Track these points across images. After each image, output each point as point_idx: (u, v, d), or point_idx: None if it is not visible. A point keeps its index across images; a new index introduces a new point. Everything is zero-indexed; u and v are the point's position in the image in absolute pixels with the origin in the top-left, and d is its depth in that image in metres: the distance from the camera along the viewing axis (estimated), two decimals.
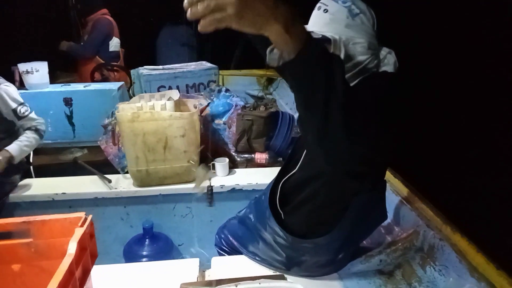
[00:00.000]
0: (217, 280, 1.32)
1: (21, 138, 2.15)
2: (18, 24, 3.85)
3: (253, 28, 0.77)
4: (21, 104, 2.17)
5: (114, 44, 3.81)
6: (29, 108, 2.21)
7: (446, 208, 1.51)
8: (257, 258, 1.50)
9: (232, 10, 0.73)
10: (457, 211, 1.51)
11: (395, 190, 1.80)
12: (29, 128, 2.20)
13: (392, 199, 1.78)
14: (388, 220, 1.76)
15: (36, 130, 2.21)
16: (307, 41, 0.81)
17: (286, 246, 1.39)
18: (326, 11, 1.18)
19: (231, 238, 1.62)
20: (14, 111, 2.15)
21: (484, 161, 2.34)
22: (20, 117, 2.17)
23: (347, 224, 1.27)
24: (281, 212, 1.41)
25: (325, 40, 1.14)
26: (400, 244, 1.53)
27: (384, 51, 1.24)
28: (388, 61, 1.23)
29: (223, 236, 1.67)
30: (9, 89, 2.17)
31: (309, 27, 1.21)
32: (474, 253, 1.28)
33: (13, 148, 2.09)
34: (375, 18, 1.21)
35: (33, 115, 2.22)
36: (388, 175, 1.90)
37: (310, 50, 0.82)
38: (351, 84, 1.18)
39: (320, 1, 1.22)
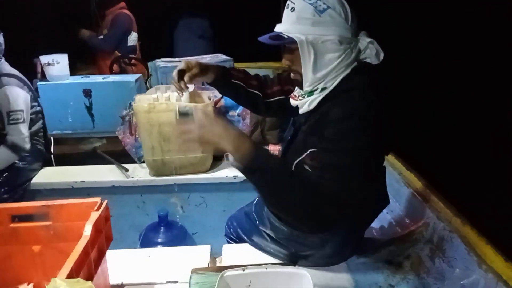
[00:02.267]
0: (227, 266, 1.36)
1: None
2: (40, 16, 3.95)
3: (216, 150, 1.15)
4: (15, 111, 2.15)
5: (132, 38, 3.87)
6: (22, 119, 2.18)
7: (456, 201, 1.51)
8: (264, 250, 1.53)
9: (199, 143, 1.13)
10: (467, 203, 1.51)
11: (407, 182, 1.80)
12: (9, 144, 2.16)
13: (403, 192, 1.79)
14: (399, 211, 1.77)
15: (12, 146, 2.16)
16: (250, 157, 1.07)
17: (291, 240, 1.41)
18: (293, 9, 1.16)
19: (238, 229, 1.65)
20: (7, 114, 2.14)
21: (495, 155, 2.31)
22: (9, 122, 2.15)
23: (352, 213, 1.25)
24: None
25: (292, 41, 1.14)
26: (409, 235, 1.53)
27: (364, 41, 1.20)
28: (371, 52, 1.20)
29: (232, 226, 1.71)
30: (15, 91, 2.16)
31: (279, 27, 1.20)
32: (483, 245, 1.28)
33: None
34: (348, 10, 1.16)
35: (20, 127, 2.18)
36: (401, 168, 1.90)
37: (253, 164, 1.08)
38: (329, 89, 1.17)
39: None
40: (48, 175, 2.35)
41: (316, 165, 1.12)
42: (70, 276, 0.87)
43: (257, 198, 1.65)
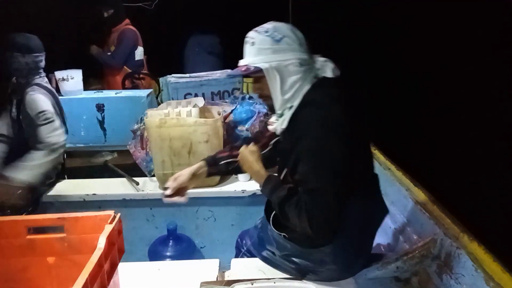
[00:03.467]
0: (235, 280, 1.38)
1: (32, 157, 2.13)
2: (55, 32, 4.07)
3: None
4: (43, 111, 2.19)
5: (139, 53, 3.96)
6: (52, 117, 2.20)
7: (464, 217, 1.52)
8: (272, 264, 1.55)
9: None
10: (475, 220, 1.51)
11: (414, 198, 1.81)
12: (38, 143, 2.16)
13: (411, 207, 1.80)
14: (406, 227, 1.77)
15: (48, 146, 2.15)
16: (263, 183, 1.41)
17: (296, 256, 1.44)
18: (253, 43, 1.32)
19: (249, 244, 1.68)
20: (36, 116, 2.18)
21: (503, 170, 2.30)
22: (40, 123, 2.18)
23: (349, 227, 1.31)
24: (282, 233, 1.46)
25: (258, 70, 1.30)
26: (417, 251, 1.54)
27: (319, 61, 1.37)
28: (326, 69, 1.36)
29: (244, 239, 1.73)
30: (40, 96, 2.22)
31: (244, 61, 1.35)
32: (491, 262, 1.28)
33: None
34: (300, 36, 1.33)
35: (52, 125, 2.19)
36: (408, 183, 1.91)
37: (265, 188, 1.41)
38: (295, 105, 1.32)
39: (247, 35, 1.35)
40: (60, 188, 2.40)
41: (297, 180, 1.30)
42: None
43: (260, 220, 1.68)
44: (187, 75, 3.34)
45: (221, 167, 1.65)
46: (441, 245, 1.50)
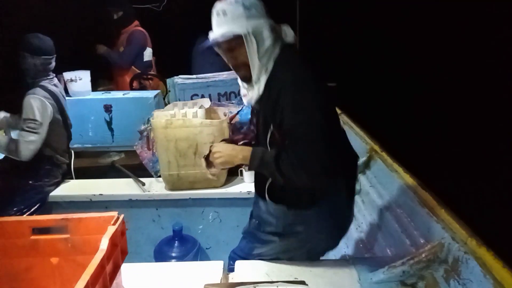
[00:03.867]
0: (239, 283, 1.37)
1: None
2: (64, 33, 4.10)
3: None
4: (31, 119, 2.17)
5: (148, 54, 3.98)
6: (37, 130, 2.19)
7: (472, 221, 1.49)
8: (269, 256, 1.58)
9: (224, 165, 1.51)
10: (483, 224, 1.48)
11: (421, 201, 1.78)
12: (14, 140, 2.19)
13: (418, 211, 1.76)
14: (413, 231, 1.74)
15: (15, 146, 2.16)
16: (250, 156, 1.41)
17: (297, 222, 1.51)
18: (225, 13, 1.36)
19: (242, 253, 1.69)
20: (24, 120, 2.18)
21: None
22: (22, 128, 2.18)
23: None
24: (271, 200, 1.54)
25: (238, 36, 1.34)
26: (424, 255, 1.51)
27: (283, 27, 1.45)
28: (288, 33, 1.44)
29: (233, 256, 1.73)
30: (36, 102, 2.19)
31: (216, 31, 1.38)
32: (500, 268, 1.25)
33: None
34: (263, 4, 1.41)
35: (32, 136, 2.18)
36: (416, 186, 1.88)
37: (254, 160, 1.40)
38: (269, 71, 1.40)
39: (215, 8, 1.39)
40: (67, 188, 2.41)
41: (284, 138, 1.35)
42: None
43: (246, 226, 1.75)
44: (194, 76, 3.35)
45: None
46: (449, 249, 1.46)
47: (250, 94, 1.46)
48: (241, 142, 1.69)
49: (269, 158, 1.36)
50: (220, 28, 1.37)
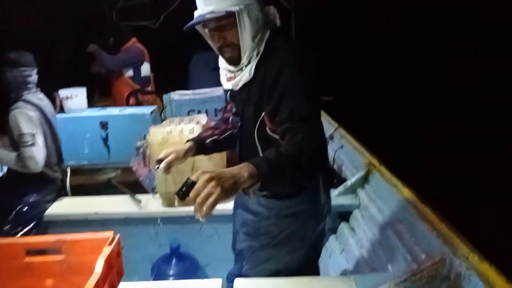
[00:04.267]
0: None
1: (7, 151, 2.22)
2: (62, 51, 4.13)
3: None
4: (23, 134, 2.18)
5: (145, 69, 3.99)
6: (32, 141, 2.20)
7: (473, 236, 1.47)
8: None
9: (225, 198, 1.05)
10: (485, 239, 1.47)
11: (421, 216, 1.77)
12: (19, 155, 2.20)
13: (419, 226, 1.75)
14: (414, 246, 1.73)
15: (21, 160, 2.19)
16: (257, 175, 1.09)
17: (270, 206, 1.50)
18: None
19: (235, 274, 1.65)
20: (18, 136, 2.19)
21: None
22: (20, 144, 2.19)
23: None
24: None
25: (230, 13, 1.25)
26: (425, 271, 1.49)
27: (266, 8, 1.38)
28: (276, 16, 1.40)
29: (230, 278, 1.70)
30: (24, 116, 2.20)
31: (204, 8, 1.27)
32: (503, 284, 1.23)
33: None
34: None
35: (30, 150, 2.19)
36: (414, 200, 1.87)
37: (262, 177, 1.10)
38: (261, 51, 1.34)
39: None
40: (62, 206, 2.38)
41: (279, 126, 1.27)
42: None
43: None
44: (190, 92, 3.36)
45: (208, 145, 1.64)
46: (450, 265, 1.45)
47: (239, 77, 1.37)
48: (209, 140, 1.64)
49: (273, 155, 1.14)
50: (209, 5, 1.26)
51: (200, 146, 1.62)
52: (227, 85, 1.46)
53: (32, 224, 2.26)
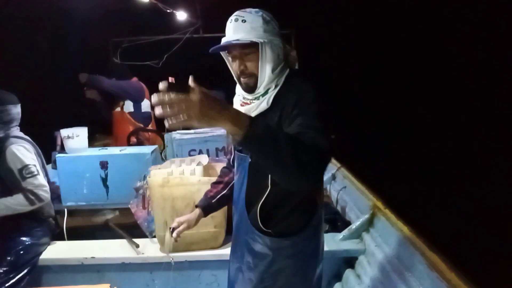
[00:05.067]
0: None
1: (8, 197, 2.15)
2: (63, 91, 4.17)
3: (209, 126, 1.13)
4: (28, 165, 2.19)
5: (146, 105, 4.00)
6: (36, 171, 2.20)
7: (482, 284, 1.40)
8: None
9: (195, 118, 0.98)
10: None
11: (430, 264, 1.69)
12: (24, 191, 2.17)
13: (427, 274, 1.68)
14: None
15: (31, 193, 2.17)
16: (248, 126, 1.03)
17: (274, 247, 1.49)
18: (244, 21, 1.38)
19: None
20: (20, 170, 2.17)
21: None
22: (24, 178, 2.17)
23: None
24: (267, 230, 1.49)
25: (254, 43, 1.36)
26: None
27: (288, 48, 1.48)
28: (294, 58, 1.51)
29: None
30: (21, 149, 2.20)
31: (232, 36, 1.39)
32: None
33: None
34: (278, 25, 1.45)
35: (38, 179, 2.20)
36: (423, 248, 1.80)
37: (251, 131, 1.04)
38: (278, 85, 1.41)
39: (234, 14, 1.41)
40: (58, 251, 2.30)
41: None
42: None
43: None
44: (192, 131, 3.34)
45: (214, 205, 1.76)
46: None
47: (254, 104, 1.43)
48: (215, 199, 1.76)
49: (271, 130, 1.08)
50: (237, 33, 1.38)
51: (208, 208, 1.76)
52: (245, 108, 1.48)
53: (26, 270, 2.17)
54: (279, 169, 1.11)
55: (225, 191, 1.76)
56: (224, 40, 1.41)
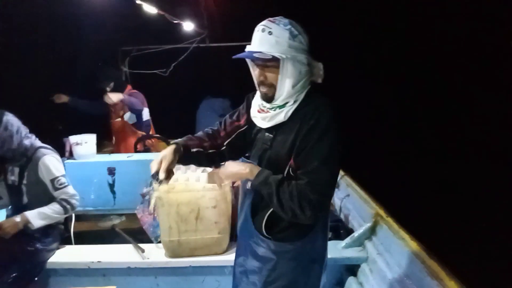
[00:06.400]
0: None
1: (45, 207, 2.22)
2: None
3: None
4: (59, 176, 2.27)
5: (146, 113, 4.04)
6: (66, 181, 2.30)
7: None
8: None
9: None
10: None
11: (431, 272, 1.71)
12: (58, 200, 2.26)
13: (427, 282, 1.69)
14: None
15: (65, 202, 2.25)
16: (258, 171, 1.42)
17: (279, 252, 1.52)
18: (270, 33, 1.36)
19: None
20: (52, 181, 2.25)
21: None
22: (56, 188, 2.26)
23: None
24: (269, 236, 1.53)
25: (276, 58, 1.35)
26: None
27: (315, 62, 1.45)
28: (320, 73, 1.47)
29: None
30: (53, 160, 2.29)
31: (256, 47, 1.38)
32: None
33: (32, 214, 2.17)
34: (307, 38, 1.42)
35: (69, 189, 2.30)
36: (424, 256, 1.81)
37: (259, 178, 1.42)
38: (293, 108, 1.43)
39: (263, 24, 1.39)
40: (65, 255, 2.35)
41: (304, 172, 1.37)
42: None
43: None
44: None
45: (193, 154, 1.58)
46: None
47: (270, 114, 1.45)
48: (195, 149, 1.59)
49: (272, 180, 1.39)
50: (261, 45, 1.37)
51: (185, 150, 1.53)
52: (256, 115, 1.52)
53: (34, 274, 2.21)
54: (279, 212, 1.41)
55: (204, 150, 1.61)
56: (248, 48, 1.41)
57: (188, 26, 4.82)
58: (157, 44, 5.00)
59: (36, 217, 2.18)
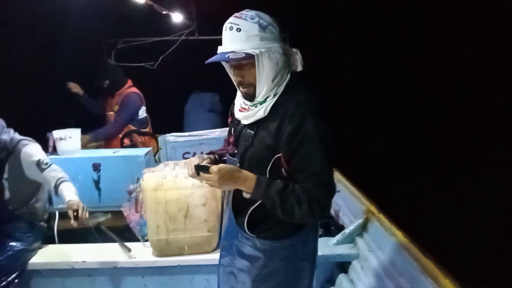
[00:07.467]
0: None
1: (68, 189, 2.17)
2: (56, 92, 4.12)
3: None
4: (43, 158, 2.20)
5: (142, 111, 3.93)
6: (51, 163, 2.22)
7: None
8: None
9: (218, 188, 1.41)
10: None
11: (424, 270, 1.69)
12: (58, 182, 2.17)
13: (421, 280, 1.68)
14: None
15: (63, 177, 2.20)
16: (254, 187, 1.35)
17: (265, 249, 1.49)
18: (239, 30, 1.31)
19: None
20: (38, 164, 2.16)
21: None
22: (43, 169, 2.17)
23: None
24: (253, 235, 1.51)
25: (250, 55, 1.30)
26: None
27: (292, 50, 1.43)
28: (298, 60, 1.43)
29: None
30: (35, 146, 2.22)
31: (227, 47, 1.33)
32: None
33: (74, 192, 2.16)
34: (278, 26, 1.38)
35: (53, 166, 2.21)
36: (417, 254, 1.79)
37: (258, 189, 1.35)
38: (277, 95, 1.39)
39: (229, 21, 1.34)
40: (48, 254, 2.27)
41: (306, 175, 1.33)
42: None
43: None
44: (186, 133, 3.33)
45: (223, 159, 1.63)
46: None
47: (252, 111, 1.41)
48: (224, 156, 1.62)
49: (276, 185, 1.34)
50: (232, 44, 1.33)
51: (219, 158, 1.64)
52: (238, 114, 1.49)
53: (14, 275, 2.13)
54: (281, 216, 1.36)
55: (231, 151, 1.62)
56: (220, 50, 1.36)
57: (177, 17, 4.71)
58: (144, 36, 4.88)
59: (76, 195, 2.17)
